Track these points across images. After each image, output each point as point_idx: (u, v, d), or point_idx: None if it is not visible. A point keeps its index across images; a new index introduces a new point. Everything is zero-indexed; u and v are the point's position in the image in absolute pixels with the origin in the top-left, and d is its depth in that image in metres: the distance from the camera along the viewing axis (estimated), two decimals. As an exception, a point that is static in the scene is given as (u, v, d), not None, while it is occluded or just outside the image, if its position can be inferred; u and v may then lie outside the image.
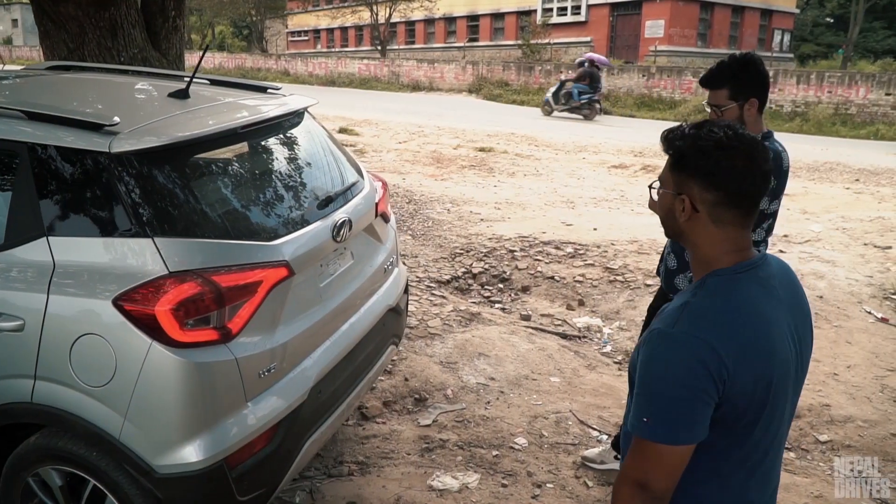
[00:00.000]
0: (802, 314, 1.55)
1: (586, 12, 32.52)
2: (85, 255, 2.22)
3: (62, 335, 2.17)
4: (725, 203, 1.42)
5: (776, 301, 1.46)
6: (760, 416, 1.42)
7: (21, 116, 2.35)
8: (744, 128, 1.47)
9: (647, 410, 1.37)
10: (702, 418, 1.36)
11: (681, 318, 1.39)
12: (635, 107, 22.31)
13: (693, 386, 1.33)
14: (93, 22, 5.41)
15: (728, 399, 1.36)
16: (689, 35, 30.40)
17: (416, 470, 3.44)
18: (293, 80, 33.12)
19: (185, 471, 2.16)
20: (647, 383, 1.38)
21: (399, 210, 8.47)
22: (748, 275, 1.44)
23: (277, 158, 2.85)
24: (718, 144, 1.41)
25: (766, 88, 2.79)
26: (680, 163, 1.46)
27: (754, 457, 1.47)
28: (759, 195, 1.44)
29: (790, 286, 1.54)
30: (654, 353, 1.39)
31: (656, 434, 1.35)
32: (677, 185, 1.46)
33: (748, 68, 2.73)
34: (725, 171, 1.40)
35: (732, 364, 1.34)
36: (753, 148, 1.42)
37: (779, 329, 1.44)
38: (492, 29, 37.54)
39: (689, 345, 1.34)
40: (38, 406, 2.23)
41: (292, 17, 50.12)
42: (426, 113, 19.72)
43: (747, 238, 1.47)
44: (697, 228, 1.46)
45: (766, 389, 1.40)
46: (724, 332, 1.36)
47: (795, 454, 3.80)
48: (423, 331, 4.91)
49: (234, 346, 2.24)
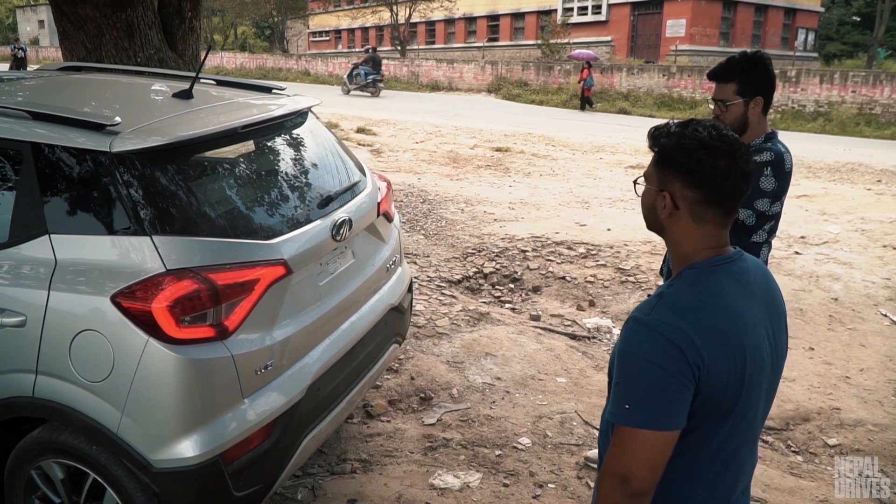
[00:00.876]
0: (777, 312, 1.57)
1: (607, 12, 32.38)
2: (85, 252, 2.26)
3: (62, 331, 2.21)
4: (706, 202, 1.44)
5: (750, 295, 1.49)
6: (734, 408, 1.44)
7: (26, 116, 2.40)
8: (727, 128, 1.48)
9: (629, 397, 1.38)
10: (683, 402, 1.37)
11: (656, 306, 1.42)
12: (655, 107, 22.19)
13: (672, 370, 1.35)
14: (110, 23, 5.48)
15: (703, 388, 1.38)
16: (711, 34, 30.15)
17: (418, 468, 3.45)
18: (313, 80, 33.32)
19: (182, 465, 2.19)
20: (627, 370, 1.40)
21: (413, 210, 8.50)
22: (723, 268, 1.47)
23: (278, 158, 2.88)
24: (702, 144, 1.42)
25: (772, 89, 2.77)
26: (663, 160, 1.48)
27: (727, 450, 1.49)
28: (739, 195, 1.46)
29: (765, 284, 1.56)
30: (632, 340, 1.41)
31: (640, 419, 1.36)
32: (660, 181, 1.49)
33: (758, 66, 2.71)
34: (708, 171, 1.42)
35: (707, 352, 1.36)
36: (736, 149, 1.43)
37: (752, 322, 1.46)
38: (512, 29, 37.51)
39: (666, 331, 1.37)
40: (40, 400, 2.27)
41: (313, 18, 50.41)
42: (444, 113, 19.76)
43: (725, 236, 1.50)
44: (678, 225, 1.49)
45: (739, 381, 1.42)
46: (699, 320, 1.39)
47: (803, 458, 3.77)
48: (430, 330, 4.92)
49: (230, 343, 2.26)
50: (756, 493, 3.35)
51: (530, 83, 26.54)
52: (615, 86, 24.29)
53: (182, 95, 2.80)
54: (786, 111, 20.29)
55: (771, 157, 2.68)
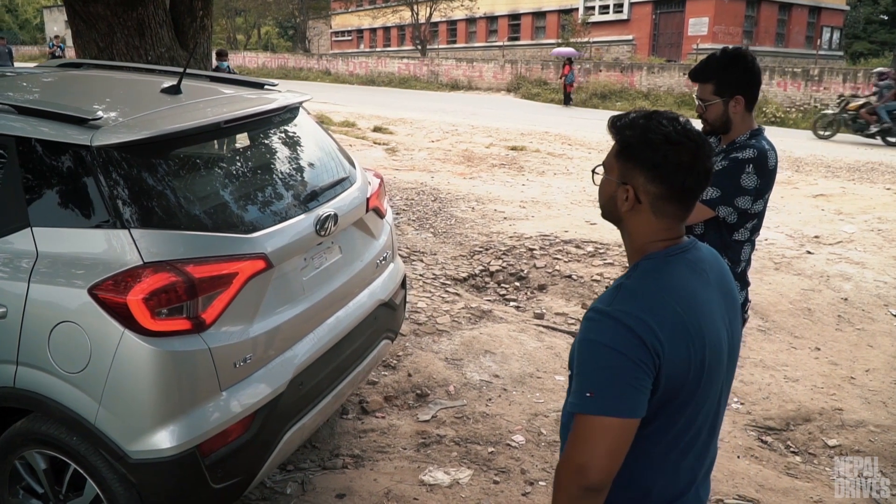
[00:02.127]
0: (731, 300, 1.57)
1: (629, 10, 32.16)
2: (66, 245, 2.29)
3: (42, 322, 2.24)
4: (668, 196, 1.44)
5: (705, 283, 1.48)
6: (693, 395, 1.43)
7: (11, 111, 2.43)
8: (689, 122, 1.47)
9: (590, 385, 1.37)
10: (643, 390, 1.36)
11: (616, 297, 1.42)
12: (675, 105, 21.97)
13: (633, 357, 1.34)
14: (121, 21, 5.56)
15: (663, 377, 1.37)
16: (734, 33, 29.81)
17: (409, 464, 3.45)
18: (333, 79, 33.49)
19: (158, 457, 2.21)
20: (587, 359, 1.39)
21: (423, 208, 8.51)
22: (678, 258, 1.47)
23: (264, 153, 2.90)
24: (667, 139, 1.41)
25: (754, 86, 2.67)
26: (627, 153, 1.46)
27: (686, 438, 1.48)
28: (700, 191, 1.46)
29: (720, 272, 1.56)
30: (591, 329, 1.40)
31: (602, 407, 1.34)
32: (622, 174, 1.47)
33: (736, 64, 2.63)
34: (672, 166, 1.41)
35: (666, 340, 1.36)
36: (699, 145, 1.43)
37: (710, 310, 1.46)
38: (533, 28, 37.39)
39: (626, 320, 1.36)
40: (21, 391, 2.30)
41: (336, 18, 50.65)
42: (462, 112, 19.75)
43: (681, 227, 1.50)
44: (637, 218, 1.48)
45: (699, 368, 1.41)
46: (658, 309, 1.38)
47: (802, 458, 3.71)
48: (431, 327, 4.92)
49: (207, 335, 2.28)
50: (749, 494, 3.31)
51: (549, 82, 26.43)
52: (635, 85, 24.12)
53: (170, 91, 2.82)
54: (808, 110, 19.99)
55: (753, 155, 2.61)
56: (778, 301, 5.61)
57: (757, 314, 5.38)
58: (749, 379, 4.44)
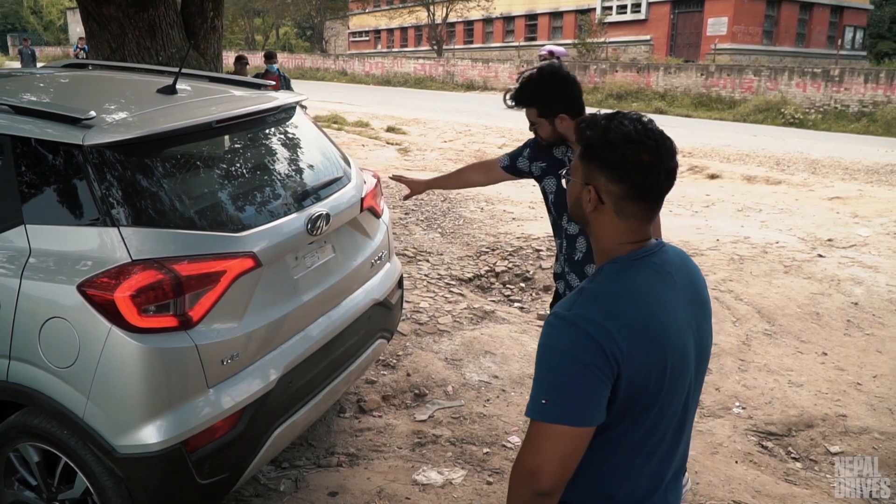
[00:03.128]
0: (701, 302, 1.55)
1: (646, 10, 31.94)
2: (57, 242, 2.32)
3: (33, 318, 2.27)
4: (630, 196, 1.43)
5: (671, 287, 1.47)
6: (656, 400, 1.42)
7: (8, 110, 2.47)
8: (653, 122, 1.46)
9: (545, 391, 1.36)
10: (599, 398, 1.35)
11: (577, 302, 1.41)
12: (692, 107, 21.81)
13: (589, 363, 1.33)
14: (132, 23, 5.61)
15: (623, 383, 1.36)
16: (753, 32, 29.52)
17: (404, 464, 3.46)
18: (350, 79, 33.61)
19: (144, 452, 2.23)
20: (543, 365, 1.39)
21: (432, 208, 8.52)
22: (642, 261, 1.46)
23: (258, 153, 2.92)
24: (626, 138, 1.41)
25: (574, 100, 2.72)
26: (589, 154, 1.47)
27: (651, 442, 1.47)
28: (662, 190, 1.45)
29: (687, 275, 1.54)
30: (549, 335, 1.40)
31: (555, 414, 1.34)
32: (585, 175, 1.47)
33: (551, 86, 2.69)
34: (631, 165, 1.40)
35: (626, 345, 1.35)
36: (660, 143, 1.42)
37: (674, 314, 1.44)
38: (550, 28, 37.25)
39: (583, 325, 1.35)
40: (13, 385, 2.34)
41: (353, 18, 50.81)
42: (476, 112, 19.73)
43: (647, 230, 1.48)
44: (602, 219, 1.47)
45: (660, 374, 1.40)
46: (618, 314, 1.37)
47: (802, 465, 3.67)
48: (432, 327, 4.93)
49: (194, 333, 2.30)
50: (745, 500, 3.28)
51: (566, 82, 26.31)
52: (651, 85, 23.96)
53: (166, 91, 2.85)
54: (828, 111, 19.75)
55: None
56: (785, 305, 5.55)
57: (763, 318, 5.34)
58: (752, 383, 4.40)
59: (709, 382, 4.36)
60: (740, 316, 5.33)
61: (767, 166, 11.98)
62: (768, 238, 7.32)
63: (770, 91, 20.96)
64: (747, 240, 7.23)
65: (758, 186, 10.47)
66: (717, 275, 6.15)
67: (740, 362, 4.65)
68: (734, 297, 5.67)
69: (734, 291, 5.78)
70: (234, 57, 11.37)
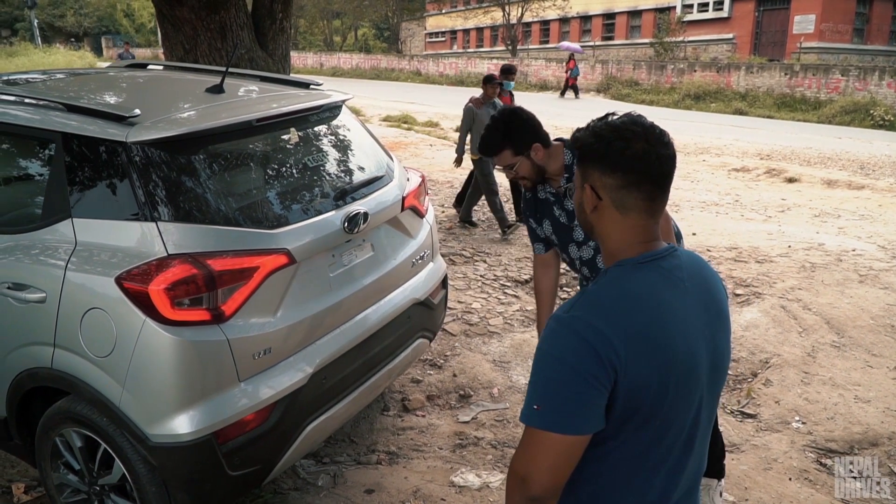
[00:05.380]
0: (716, 310, 1.47)
1: (729, 8, 30.94)
2: (100, 235, 2.41)
3: (75, 308, 2.37)
4: (625, 186, 1.38)
5: (681, 293, 1.39)
6: (658, 410, 1.35)
7: (61, 108, 2.59)
8: (643, 118, 1.42)
9: (538, 397, 1.32)
10: (594, 406, 1.30)
11: (576, 304, 1.36)
12: (774, 107, 21.00)
13: (584, 371, 1.28)
14: (204, 24, 5.81)
15: (621, 390, 1.31)
16: (843, 30, 28.15)
17: (443, 465, 3.45)
18: (424, 79, 33.85)
19: (175, 441, 2.29)
20: (538, 369, 1.35)
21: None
22: (650, 265, 1.39)
23: (297, 151, 2.95)
24: (612, 128, 1.40)
25: (538, 130, 2.75)
26: (581, 154, 1.45)
27: (656, 456, 1.40)
28: (657, 176, 1.38)
29: (702, 281, 1.46)
30: (546, 338, 1.36)
31: (546, 422, 1.30)
32: (582, 176, 1.45)
33: (514, 123, 2.72)
34: (619, 152, 1.37)
35: (625, 352, 1.29)
36: (648, 131, 1.38)
37: (681, 321, 1.37)
38: (628, 27, 36.58)
39: (579, 329, 1.31)
40: (57, 372, 2.45)
41: (430, 19, 51.20)
42: (547, 113, 19.48)
43: (653, 228, 1.42)
44: (604, 218, 1.43)
45: (663, 382, 1.33)
46: (618, 318, 1.32)
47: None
48: (482, 328, 4.90)
49: (226, 327, 2.35)
50: (797, 519, 3.12)
51: (641, 83, 25.80)
52: (731, 85, 23.19)
53: (214, 90, 2.93)
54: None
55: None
56: (858, 316, 5.26)
57: (832, 329, 5.07)
58: (815, 397, 4.18)
59: (768, 395, 4.18)
60: (807, 326, 5.08)
61: (850, 170, 11.41)
62: (844, 245, 6.96)
63: (858, 92, 19.96)
64: (821, 247, 6.89)
65: (838, 191, 9.97)
66: (786, 283, 5.88)
67: (804, 375, 4.43)
68: (802, 306, 5.41)
69: (802, 300, 5.51)
70: (501, 68, 8.12)
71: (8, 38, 48.65)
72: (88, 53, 38.10)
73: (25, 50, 32.40)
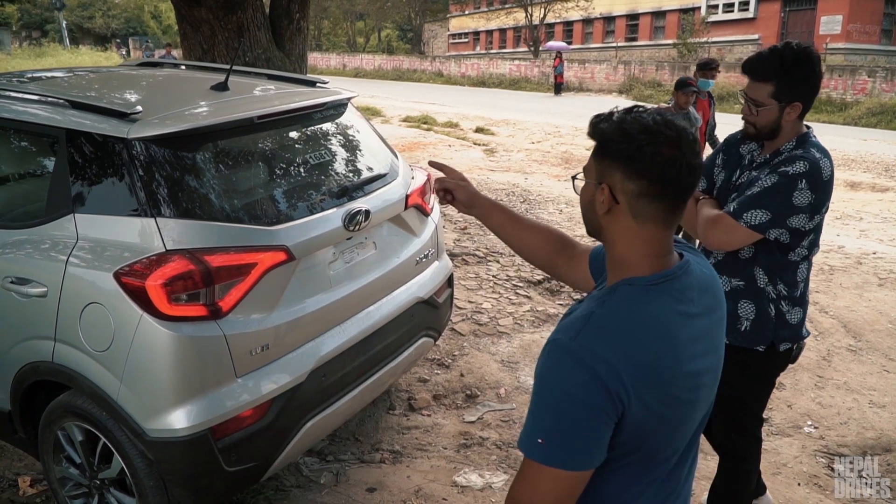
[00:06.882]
0: (719, 320, 1.41)
1: (755, 8, 30.62)
2: (101, 231, 2.43)
3: (75, 302, 2.39)
4: (648, 194, 1.28)
5: (689, 317, 1.32)
6: (665, 441, 1.31)
7: (66, 105, 2.62)
8: (677, 116, 1.34)
9: (542, 430, 1.25)
10: (600, 441, 1.25)
11: (583, 329, 1.26)
12: (800, 108, 20.68)
13: (591, 405, 1.22)
14: (222, 24, 5.85)
15: (625, 423, 1.24)
16: (871, 31, 27.73)
17: (446, 464, 3.43)
18: (445, 80, 33.86)
19: (172, 436, 2.31)
20: (542, 400, 1.27)
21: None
22: (661, 287, 1.31)
23: (299, 149, 2.96)
24: (644, 128, 1.27)
25: (814, 93, 2.38)
26: (603, 149, 1.32)
27: (656, 472, 1.35)
28: (685, 188, 1.29)
29: (711, 298, 1.39)
30: (551, 367, 1.27)
31: (551, 458, 1.24)
32: (599, 173, 1.33)
33: (802, 66, 2.31)
34: (650, 158, 1.26)
35: (632, 384, 1.22)
36: (682, 136, 1.27)
37: (689, 348, 1.30)
38: (652, 28, 36.33)
39: (589, 360, 1.22)
40: (58, 366, 2.47)
41: (453, 20, 51.24)
42: (568, 114, 19.45)
43: (668, 242, 1.33)
44: (616, 223, 1.33)
45: (670, 408, 1.27)
46: (626, 348, 1.24)
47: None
48: (492, 328, 4.88)
49: (223, 323, 2.36)
50: (805, 525, 3.06)
51: (664, 84, 25.55)
52: (756, 86, 22.90)
53: (218, 87, 2.94)
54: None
55: (805, 168, 2.29)
56: (876, 320, 5.16)
57: (849, 333, 4.98)
58: (828, 402, 4.11)
59: (781, 399, 4.11)
60: (823, 329, 4.99)
61: (875, 172, 11.21)
62: (865, 248, 6.84)
63: (886, 93, 19.62)
64: (841, 249, 6.78)
65: (861, 193, 9.81)
66: (803, 285, 5.79)
67: (818, 379, 4.36)
68: (818, 309, 5.32)
69: (819, 303, 5.42)
70: (676, 81, 6.13)
71: (38, 40, 49.55)
72: (115, 54, 38.63)
73: (54, 51, 32.96)
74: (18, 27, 54.98)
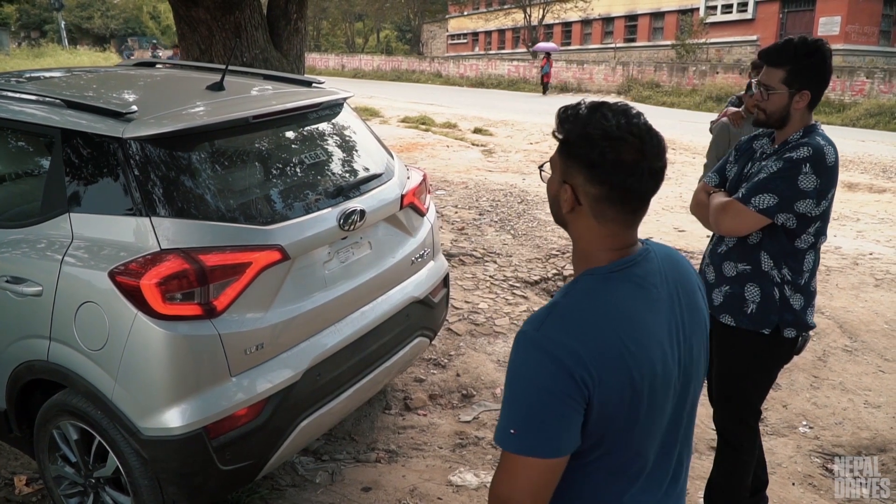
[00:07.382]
0: (693, 310, 1.41)
1: (753, 9, 30.68)
2: (96, 230, 2.44)
3: (70, 301, 2.40)
4: (609, 199, 1.30)
5: (653, 301, 1.34)
6: (633, 425, 1.31)
7: (61, 105, 2.62)
8: (643, 116, 1.35)
9: (514, 421, 1.28)
10: (571, 427, 1.26)
11: (546, 320, 1.30)
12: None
13: (558, 392, 1.24)
14: (219, 25, 5.85)
15: (594, 408, 1.27)
16: (869, 32, 27.77)
17: (441, 464, 3.44)
18: (444, 81, 33.87)
19: (166, 435, 2.31)
20: (512, 392, 1.29)
21: (507, 210, 8.44)
22: (622, 274, 1.33)
23: (294, 148, 2.96)
24: (606, 134, 1.28)
25: (824, 85, 2.47)
26: (566, 149, 1.35)
27: (635, 465, 1.36)
28: (646, 192, 1.31)
29: (677, 282, 1.40)
30: (517, 359, 1.30)
31: (524, 447, 1.26)
32: (563, 172, 1.36)
33: (815, 56, 2.43)
34: (611, 164, 1.28)
35: (596, 371, 1.25)
36: (645, 141, 1.28)
37: (654, 332, 1.32)
38: (650, 29, 36.37)
39: (551, 349, 1.25)
40: (53, 365, 2.48)
41: (452, 21, 51.27)
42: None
43: (631, 235, 1.36)
44: (579, 221, 1.36)
45: (636, 397, 1.29)
46: (589, 335, 1.27)
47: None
48: (488, 328, 4.88)
49: (218, 322, 2.36)
50: (798, 524, 3.07)
51: (662, 85, 25.59)
52: (754, 87, 22.93)
53: (214, 87, 2.95)
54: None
55: (809, 153, 2.40)
56: (872, 320, 5.17)
57: (845, 333, 4.99)
58: (823, 402, 4.12)
59: (776, 399, 4.12)
60: (819, 330, 5.00)
61: (872, 173, 11.23)
62: (862, 249, 6.85)
63: (884, 94, 19.66)
64: (838, 250, 6.79)
65: (859, 194, 9.82)
66: (800, 286, 5.80)
67: (813, 379, 4.37)
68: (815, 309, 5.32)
69: (816, 304, 5.42)
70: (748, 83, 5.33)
71: (36, 40, 49.51)
72: (113, 55, 38.62)
73: (52, 51, 32.94)
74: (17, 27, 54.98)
